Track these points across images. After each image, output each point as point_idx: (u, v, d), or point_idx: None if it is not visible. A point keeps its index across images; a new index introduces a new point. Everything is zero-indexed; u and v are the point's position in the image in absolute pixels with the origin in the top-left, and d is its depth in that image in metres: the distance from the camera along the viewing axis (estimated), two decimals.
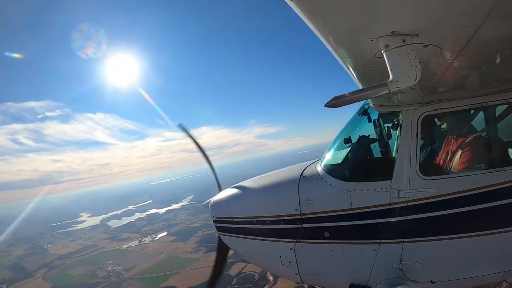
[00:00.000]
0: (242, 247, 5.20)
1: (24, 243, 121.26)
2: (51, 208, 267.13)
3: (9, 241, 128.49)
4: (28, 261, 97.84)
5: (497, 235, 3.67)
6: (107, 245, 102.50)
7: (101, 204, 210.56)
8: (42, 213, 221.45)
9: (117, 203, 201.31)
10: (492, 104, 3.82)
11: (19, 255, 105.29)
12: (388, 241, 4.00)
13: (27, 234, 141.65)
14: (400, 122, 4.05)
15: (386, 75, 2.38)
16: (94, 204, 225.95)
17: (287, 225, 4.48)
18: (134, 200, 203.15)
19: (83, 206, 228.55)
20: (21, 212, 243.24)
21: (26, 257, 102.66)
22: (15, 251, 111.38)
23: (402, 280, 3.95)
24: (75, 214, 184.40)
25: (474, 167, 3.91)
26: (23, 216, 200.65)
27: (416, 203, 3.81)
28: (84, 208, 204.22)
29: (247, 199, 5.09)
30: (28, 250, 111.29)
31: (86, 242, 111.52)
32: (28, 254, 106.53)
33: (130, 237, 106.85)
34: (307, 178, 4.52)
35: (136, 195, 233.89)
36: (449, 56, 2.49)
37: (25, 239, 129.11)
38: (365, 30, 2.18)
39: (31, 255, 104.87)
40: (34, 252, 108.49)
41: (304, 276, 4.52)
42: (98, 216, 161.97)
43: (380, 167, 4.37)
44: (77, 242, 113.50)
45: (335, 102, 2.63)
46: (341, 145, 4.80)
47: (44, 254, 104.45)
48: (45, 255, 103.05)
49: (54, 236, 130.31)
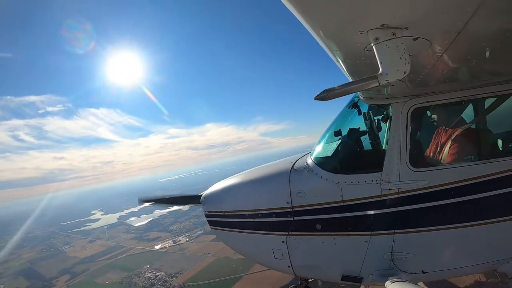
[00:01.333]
0: (235, 241, 5.21)
1: (36, 244, 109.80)
2: (57, 206, 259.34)
3: (17, 242, 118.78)
4: (44, 265, 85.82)
5: (487, 226, 3.73)
6: (135, 246, 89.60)
7: (112, 202, 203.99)
8: (49, 211, 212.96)
9: (128, 200, 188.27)
10: (481, 96, 3.84)
11: (32, 259, 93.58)
12: (379, 233, 4.05)
13: (37, 234, 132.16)
14: (390, 114, 4.06)
15: (376, 68, 2.37)
16: (103, 201, 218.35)
17: (278, 218, 4.50)
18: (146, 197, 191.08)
19: (91, 203, 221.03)
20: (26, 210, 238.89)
21: (40, 260, 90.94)
22: (27, 253, 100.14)
23: (394, 271, 3.99)
24: (86, 212, 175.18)
25: (463, 159, 3.95)
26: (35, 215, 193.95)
27: (406, 195, 3.86)
28: (95, 206, 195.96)
29: (239, 193, 5.08)
30: (41, 253, 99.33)
31: (108, 242, 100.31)
32: (43, 257, 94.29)
33: (159, 236, 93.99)
34: (298, 171, 4.53)
35: (147, 192, 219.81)
36: (439, 49, 2.49)
37: (36, 239, 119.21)
38: (355, 23, 2.16)
39: (47, 258, 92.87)
40: (50, 254, 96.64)
41: (297, 269, 4.56)
42: (113, 214, 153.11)
43: (370, 160, 4.39)
44: (98, 243, 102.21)
45: (325, 95, 2.63)
46: (331, 137, 4.81)
47: (61, 257, 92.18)
48: (63, 258, 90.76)
49: (69, 236, 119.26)
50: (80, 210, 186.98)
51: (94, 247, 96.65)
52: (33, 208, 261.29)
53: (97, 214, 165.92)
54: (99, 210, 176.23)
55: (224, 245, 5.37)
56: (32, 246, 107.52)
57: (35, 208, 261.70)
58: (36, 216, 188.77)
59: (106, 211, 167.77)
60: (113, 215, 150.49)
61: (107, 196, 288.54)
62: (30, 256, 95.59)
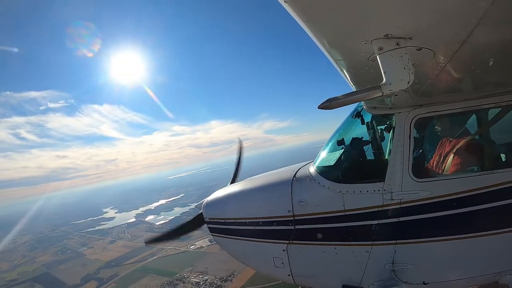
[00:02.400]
0: (235, 248, 5.20)
1: (49, 246, 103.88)
2: (64, 205, 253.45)
3: (29, 243, 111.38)
4: (64, 270, 77.46)
5: (489, 237, 3.70)
6: (165, 247, 78.85)
7: (123, 199, 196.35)
8: (58, 210, 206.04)
9: (141, 197, 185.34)
10: (485, 107, 3.83)
11: (47, 262, 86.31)
12: (380, 243, 4.01)
13: (48, 234, 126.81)
14: (393, 124, 4.06)
15: (380, 78, 2.37)
16: (113, 199, 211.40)
17: (280, 226, 4.48)
18: (160, 194, 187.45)
19: (101, 201, 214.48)
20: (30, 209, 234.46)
21: (57, 264, 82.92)
22: (41, 256, 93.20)
23: (395, 282, 3.96)
24: (98, 210, 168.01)
25: (466, 170, 3.93)
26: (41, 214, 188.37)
27: (408, 205, 3.83)
28: (105, 204, 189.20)
29: (240, 200, 5.08)
30: (57, 255, 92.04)
31: (133, 243, 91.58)
32: (60, 260, 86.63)
33: (190, 235, 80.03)
34: (300, 179, 4.52)
35: (159, 189, 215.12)
36: (442, 59, 2.50)
37: (48, 240, 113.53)
38: (359, 32, 2.17)
39: (64, 261, 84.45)
40: (67, 257, 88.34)
41: (297, 278, 4.53)
42: (128, 212, 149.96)
43: (373, 169, 4.37)
44: (119, 243, 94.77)
45: (329, 104, 2.62)
46: (334, 146, 4.81)
47: (81, 260, 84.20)
48: (83, 261, 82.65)
49: (84, 236, 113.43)
50: (90, 208, 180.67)
51: (116, 249, 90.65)
52: (37, 207, 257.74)
53: (110, 212, 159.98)
54: (111, 208, 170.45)
55: None
56: (45, 248, 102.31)
57: (39, 207, 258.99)
58: (41, 215, 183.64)
59: (120, 209, 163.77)
60: (128, 213, 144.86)
61: (116, 193, 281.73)
62: (44, 260, 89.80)
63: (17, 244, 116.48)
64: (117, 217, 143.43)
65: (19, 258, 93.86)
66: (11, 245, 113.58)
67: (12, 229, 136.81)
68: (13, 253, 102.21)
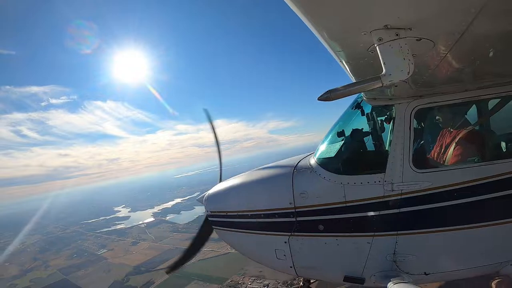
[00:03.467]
0: (237, 241, 5.24)
1: (62, 248, 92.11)
2: (70, 204, 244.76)
3: (38, 244, 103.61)
4: (84, 277, 66.32)
5: (490, 228, 3.72)
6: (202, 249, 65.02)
7: (133, 198, 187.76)
8: (64, 209, 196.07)
9: (153, 196, 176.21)
10: (485, 98, 3.83)
11: (63, 267, 75.00)
12: (382, 234, 4.04)
13: (58, 234, 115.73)
14: (393, 115, 4.05)
15: (379, 69, 2.37)
16: (123, 198, 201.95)
17: (281, 218, 4.51)
18: (173, 193, 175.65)
19: (109, 200, 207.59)
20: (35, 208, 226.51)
21: (75, 269, 72.08)
22: (54, 259, 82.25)
23: (396, 272, 3.99)
24: (108, 209, 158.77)
25: (466, 160, 3.95)
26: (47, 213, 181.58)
27: (409, 196, 3.85)
28: (115, 202, 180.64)
29: (242, 193, 5.10)
30: (73, 258, 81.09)
31: (159, 245, 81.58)
32: (77, 264, 75.29)
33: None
34: (301, 171, 4.54)
35: (171, 188, 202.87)
36: (442, 50, 2.49)
37: (59, 241, 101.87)
38: (359, 23, 2.17)
39: (83, 266, 73.13)
40: (85, 261, 77.19)
41: (299, 269, 4.57)
42: (143, 211, 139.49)
43: (373, 160, 4.38)
44: (144, 245, 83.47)
45: (328, 96, 2.62)
46: (334, 138, 4.81)
47: (103, 265, 72.87)
48: (106, 266, 71.55)
49: (100, 237, 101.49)
50: (99, 207, 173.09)
51: (142, 251, 79.45)
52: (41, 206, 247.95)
53: (123, 211, 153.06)
54: (123, 207, 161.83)
55: None
56: (58, 250, 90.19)
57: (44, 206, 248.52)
58: (49, 214, 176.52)
59: (133, 207, 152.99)
60: (144, 212, 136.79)
61: (123, 192, 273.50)
62: (59, 263, 78.61)
63: (25, 245, 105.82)
64: (132, 216, 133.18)
65: (29, 262, 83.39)
66: (19, 246, 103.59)
67: (18, 228, 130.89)
68: (21, 255, 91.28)
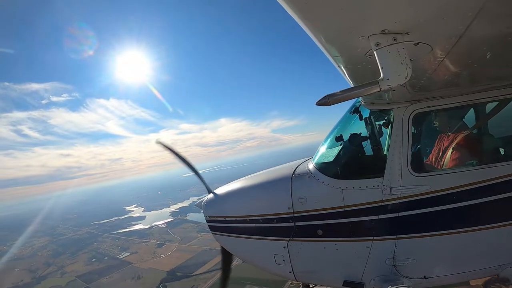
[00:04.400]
0: (236, 247, 5.20)
1: (76, 251, 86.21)
2: (76, 204, 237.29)
3: (50, 247, 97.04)
4: (111, 284, 59.81)
5: (489, 231, 3.72)
6: None
7: (143, 197, 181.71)
8: (71, 209, 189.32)
9: (165, 195, 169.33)
10: (483, 101, 3.85)
11: (83, 273, 68.57)
12: (381, 238, 4.03)
13: (70, 236, 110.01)
14: (391, 119, 4.06)
15: (377, 73, 2.36)
16: (131, 197, 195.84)
17: (280, 223, 4.49)
18: (186, 191, 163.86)
19: (117, 200, 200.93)
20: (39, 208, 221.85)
21: (97, 275, 65.47)
22: (71, 264, 75.51)
23: (396, 276, 3.98)
24: (119, 209, 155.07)
25: (465, 164, 3.95)
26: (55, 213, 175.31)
27: (408, 200, 3.84)
28: (124, 202, 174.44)
29: (240, 198, 5.09)
30: (92, 263, 74.38)
31: (189, 246, 75.45)
32: (99, 270, 68.57)
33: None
34: (299, 176, 4.53)
35: (182, 187, 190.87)
36: (440, 54, 2.50)
37: (73, 243, 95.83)
38: (356, 28, 2.16)
39: (106, 272, 66.39)
40: (107, 266, 70.16)
41: (298, 274, 4.54)
42: (159, 210, 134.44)
43: (372, 165, 4.38)
44: (171, 247, 76.52)
45: (327, 100, 2.61)
46: (333, 143, 4.80)
47: (130, 270, 65.65)
48: (134, 272, 64.03)
49: (119, 238, 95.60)
50: (109, 207, 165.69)
51: (171, 253, 72.67)
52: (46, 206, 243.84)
53: (136, 210, 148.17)
54: (135, 207, 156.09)
55: None
56: (73, 254, 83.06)
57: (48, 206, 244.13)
58: (56, 215, 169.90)
59: (146, 207, 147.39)
60: (160, 211, 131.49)
61: (131, 191, 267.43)
62: (77, 269, 71.74)
63: (35, 248, 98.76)
64: (147, 216, 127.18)
65: (42, 267, 77.36)
66: (28, 249, 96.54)
67: (23, 229, 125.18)
68: (33, 259, 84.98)
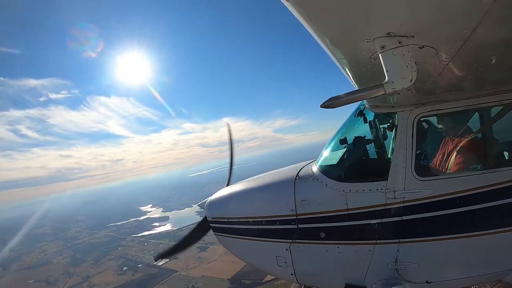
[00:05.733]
0: (238, 248, 5.20)
1: (100, 257, 75.69)
2: (83, 205, 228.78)
3: (65, 252, 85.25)
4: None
5: (492, 236, 3.70)
6: None
7: (158, 197, 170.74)
8: (79, 211, 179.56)
9: (180, 195, 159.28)
10: (487, 105, 3.84)
11: (118, 284, 59.35)
12: (383, 242, 4.02)
13: (87, 240, 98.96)
14: (395, 123, 4.06)
15: (382, 76, 2.37)
16: (144, 197, 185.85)
17: (283, 225, 4.49)
18: (203, 191, 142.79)
19: (128, 200, 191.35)
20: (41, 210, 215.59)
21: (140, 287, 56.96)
22: (98, 273, 64.43)
23: (398, 281, 3.96)
24: (134, 209, 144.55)
25: (469, 168, 3.94)
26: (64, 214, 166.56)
27: (411, 204, 3.83)
28: (137, 203, 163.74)
29: (243, 200, 5.09)
30: (126, 273, 62.90)
31: None
32: (138, 281, 59.69)
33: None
34: (303, 178, 4.53)
35: (197, 186, 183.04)
36: (445, 57, 2.50)
37: (92, 248, 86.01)
38: (361, 31, 2.17)
39: (148, 282, 58.26)
40: (146, 275, 60.83)
41: (300, 277, 4.53)
42: (181, 210, 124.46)
43: (375, 168, 4.37)
44: (217, 250, 63.93)
45: (331, 103, 2.62)
46: (336, 145, 4.81)
47: (179, 279, 57.82)
48: (185, 281, 56.74)
49: (147, 242, 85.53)
50: (121, 207, 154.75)
51: (221, 258, 62.58)
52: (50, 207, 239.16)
53: (154, 211, 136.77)
54: (151, 207, 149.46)
55: None
56: (96, 261, 71.92)
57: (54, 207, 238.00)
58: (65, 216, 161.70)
59: (165, 207, 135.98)
60: (182, 211, 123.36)
61: (141, 191, 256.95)
62: (107, 279, 61.23)
63: (48, 254, 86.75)
64: (170, 216, 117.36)
65: (62, 278, 65.59)
66: (40, 256, 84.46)
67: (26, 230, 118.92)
68: (48, 268, 73.84)
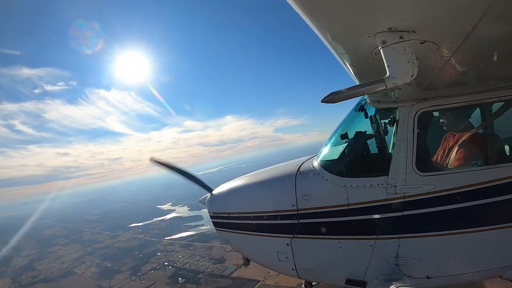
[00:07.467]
0: (239, 243, 5.22)
1: (138, 265, 67.14)
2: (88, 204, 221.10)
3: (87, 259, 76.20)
4: None
5: (493, 232, 3.71)
6: None
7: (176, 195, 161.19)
8: (89, 210, 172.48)
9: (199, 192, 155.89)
10: (489, 101, 3.83)
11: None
12: (384, 237, 4.03)
13: (109, 242, 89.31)
14: (396, 118, 4.05)
15: (383, 71, 2.37)
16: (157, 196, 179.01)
17: (283, 220, 4.50)
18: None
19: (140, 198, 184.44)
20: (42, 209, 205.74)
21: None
22: (146, 287, 57.42)
23: (398, 276, 3.99)
24: (153, 208, 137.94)
25: (470, 164, 3.94)
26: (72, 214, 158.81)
27: (412, 199, 3.84)
28: (155, 201, 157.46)
29: (244, 195, 5.09)
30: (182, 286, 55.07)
31: None
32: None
33: None
34: (303, 173, 4.54)
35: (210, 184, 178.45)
36: (446, 53, 2.49)
37: (123, 254, 76.56)
38: (363, 26, 2.16)
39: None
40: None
41: (301, 272, 4.55)
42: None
43: (376, 163, 4.39)
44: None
45: (332, 98, 2.61)
46: (337, 140, 4.81)
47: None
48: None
49: (192, 245, 77.05)
50: (133, 206, 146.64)
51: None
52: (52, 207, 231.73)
53: (179, 209, 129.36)
54: (172, 205, 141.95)
55: None
56: (135, 270, 63.09)
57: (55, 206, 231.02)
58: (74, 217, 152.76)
59: (190, 206, 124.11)
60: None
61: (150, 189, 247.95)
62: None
63: (65, 260, 74.96)
64: (203, 215, 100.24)
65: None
66: (56, 263, 73.07)
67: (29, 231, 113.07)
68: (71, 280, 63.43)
